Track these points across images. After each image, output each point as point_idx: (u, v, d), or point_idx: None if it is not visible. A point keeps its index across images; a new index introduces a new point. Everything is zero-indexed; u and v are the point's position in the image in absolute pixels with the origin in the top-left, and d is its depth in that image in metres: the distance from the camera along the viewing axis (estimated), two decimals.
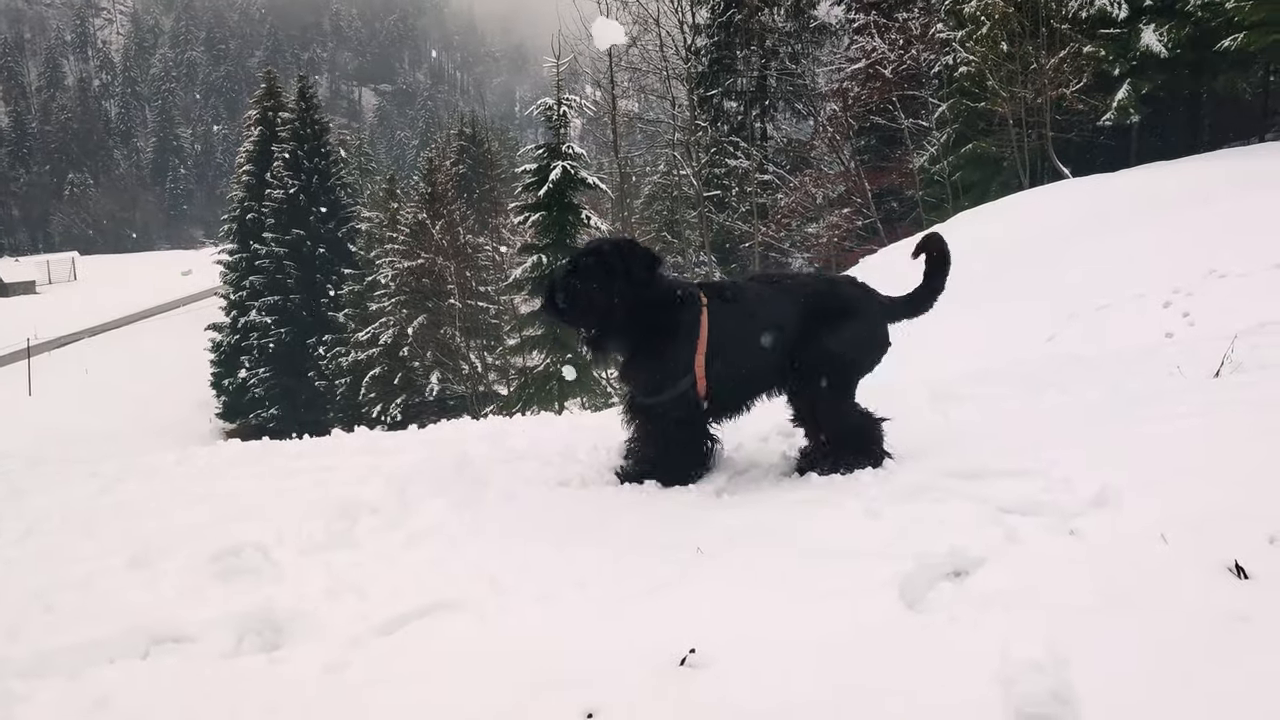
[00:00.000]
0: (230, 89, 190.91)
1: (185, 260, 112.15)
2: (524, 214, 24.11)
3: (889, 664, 2.46)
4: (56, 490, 4.83)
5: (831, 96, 28.74)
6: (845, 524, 3.38)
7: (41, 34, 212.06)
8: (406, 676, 2.60)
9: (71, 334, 73.76)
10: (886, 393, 5.69)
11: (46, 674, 2.65)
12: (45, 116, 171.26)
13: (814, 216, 28.70)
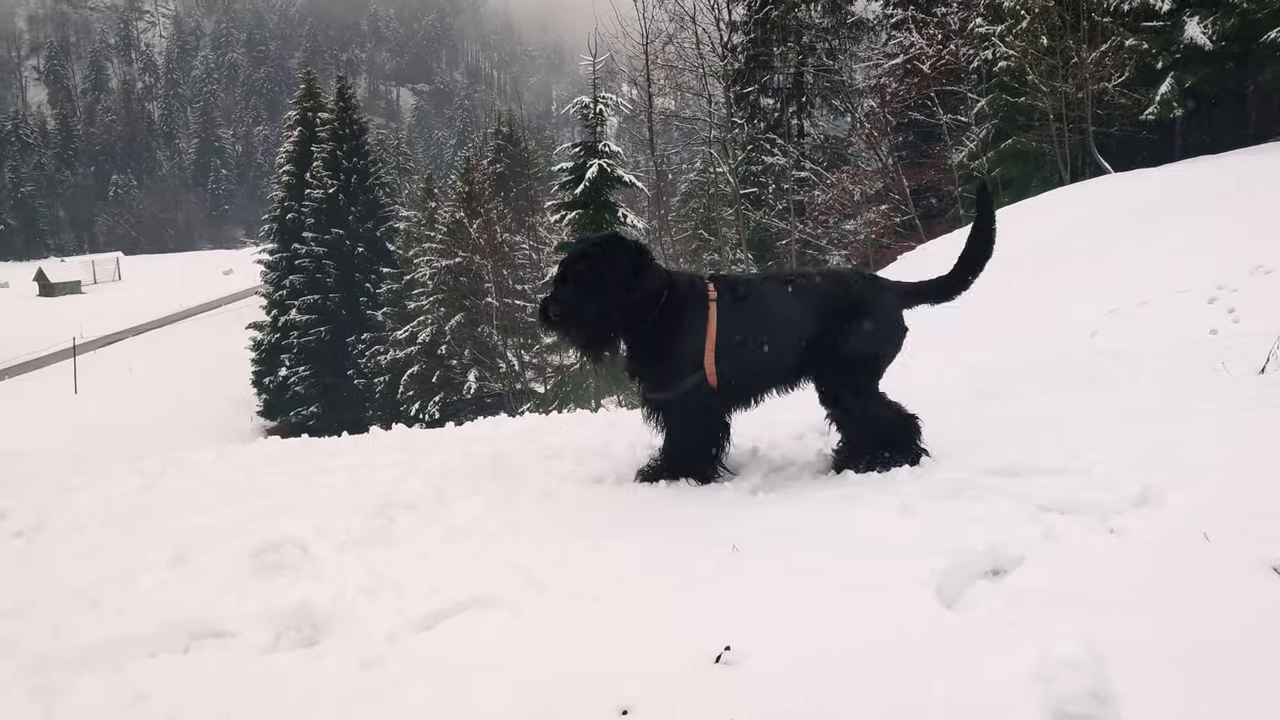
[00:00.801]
0: (270, 90, 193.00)
1: (226, 260, 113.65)
2: (561, 212, 24.18)
3: (925, 662, 2.44)
4: (101, 487, 4.90)
5: (869, 92, 28.55)
6: (881, 521, 3.36)
7: (86, 37, 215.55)
8: (443, 672, 2.62)
9: (116, 333, 74.95)
10: (925, 389, 5.66)
11: (89, 667, 2.69)
12: (90, 119, 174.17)
13: (851, 213, 28.51)
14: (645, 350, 4.11)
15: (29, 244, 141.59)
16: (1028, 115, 22.40)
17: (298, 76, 70.86)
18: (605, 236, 4.08)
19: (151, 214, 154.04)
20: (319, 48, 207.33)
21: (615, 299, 3.92)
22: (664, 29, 29.09)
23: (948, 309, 4.41)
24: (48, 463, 6.71)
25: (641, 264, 3.98)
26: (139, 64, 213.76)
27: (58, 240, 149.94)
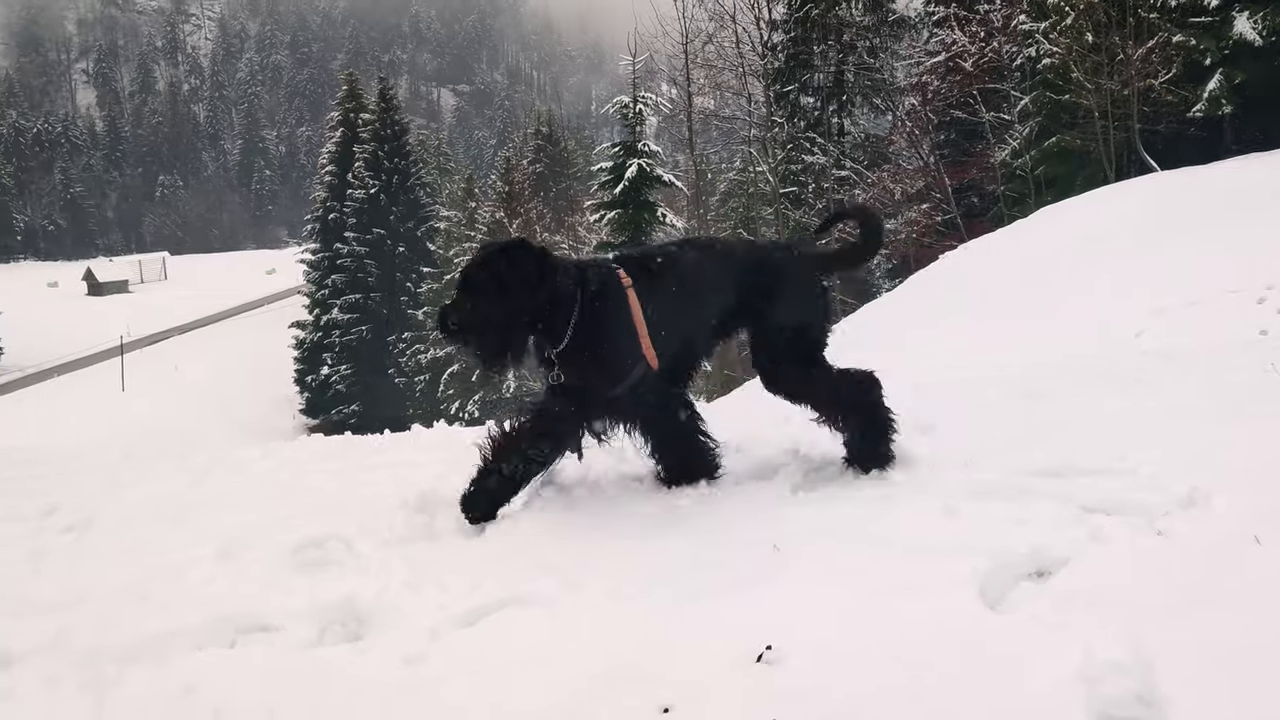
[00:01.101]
0: (313, 91, 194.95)
1: (270, 260, 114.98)
2: (600, 212, 24.23)
3: (968, 663, 2.43)
4: (149, 483, 4.97)
5: (910, 91, 28.32)
6: (922, 521, 3.33)
7: (134, 40, 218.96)
8: (483, 669, 2.64)
9: (162, 332, 76.11)
10: (962, 387, 5.61)
11: (138, 660, 2.73)
12: (138, 120, 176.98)
13: (892, 213, 28.29)
14: (578, 353, 3.89)
15: (78, 244, 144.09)
16: (1072, 113, 22.12)
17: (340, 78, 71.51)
18: (506, 242, 3.92)
19: (197, 214, 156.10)
20: (361, 49, 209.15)
21: (519, 306, 3.76)
22: (704, 28, 29.09)
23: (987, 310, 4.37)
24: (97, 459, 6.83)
25: (545, 267, 3.80)
26: (185, 66, 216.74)
27: (106, 240, 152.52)
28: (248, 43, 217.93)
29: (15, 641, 2.84)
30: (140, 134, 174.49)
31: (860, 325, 13.76)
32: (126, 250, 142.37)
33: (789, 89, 29.98)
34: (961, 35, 25.17)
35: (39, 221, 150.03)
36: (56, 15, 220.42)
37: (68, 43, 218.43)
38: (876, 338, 11.90)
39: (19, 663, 2.73)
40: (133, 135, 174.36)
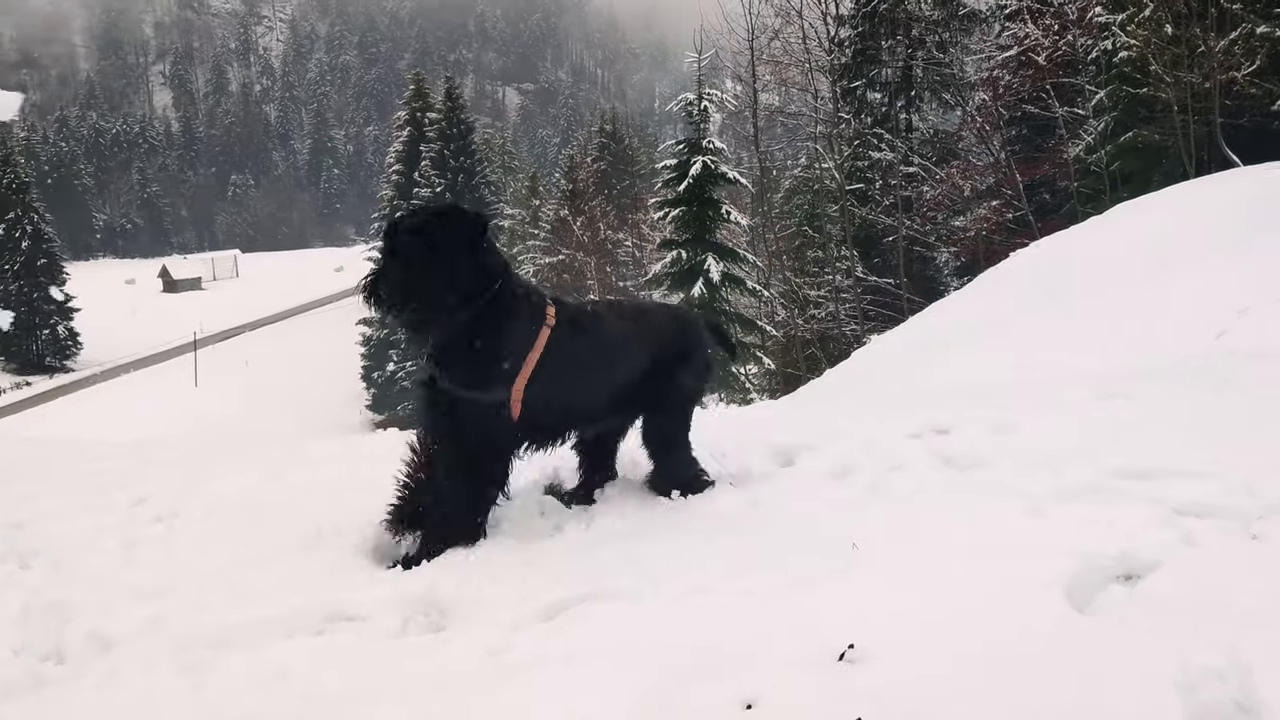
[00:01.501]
0: (381, 91, 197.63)
1: (338, 257, 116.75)
2: (664, 209, 24.24)
3: (1057, 666, 2.40)
4: (231, 475, 5.09)
5: (981, 85, 27.87)
6: (1007, 522, 3.29)
7: (208, 43, 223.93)
8: (566, 660, 2.66)
9: (234, 328, 77.78)
10: (1041, 387, 5.53)
11: (230, 646, 2.81)
12: (211, 121, 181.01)
13: (961, 209, 27.91)
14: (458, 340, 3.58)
15: (154, 242, 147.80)
16: (1150, 107, 21.61)
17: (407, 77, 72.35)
18: (443, 207, 3.62)
19: (267, 213, 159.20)
20: (428, 49, 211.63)
21: (450, 274, 3.47)
22: (769, 24, 28.92)
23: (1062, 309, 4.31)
24: (179, 452, 7.01)
25: (481, 238, 3.57)
26: (257, 67, 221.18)
27: (180, 238, 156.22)
28: (317, 43, 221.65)
29: (114, 626, 2.93)
30: (213, 134, 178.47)
31: (928, 325, 13.60)
32: (200, 248, 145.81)
33: (856, 85, 29.70)
34: (1034, 28, 24.70)
35: (117, 220, 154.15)
36: (135, 19, 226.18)
37: (145, 46, 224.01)
38: (946, 337, 11.75)
39: (118, 646, 2.82)
40: (206, 135, 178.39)
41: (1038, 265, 13.21)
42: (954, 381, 8.19)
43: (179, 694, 2.52)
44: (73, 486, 5.26)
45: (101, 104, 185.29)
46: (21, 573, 3.57)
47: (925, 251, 28.92)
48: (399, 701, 2.47)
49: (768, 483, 4.19)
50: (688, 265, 22.98)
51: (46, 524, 4.18)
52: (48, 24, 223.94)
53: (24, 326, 68.63)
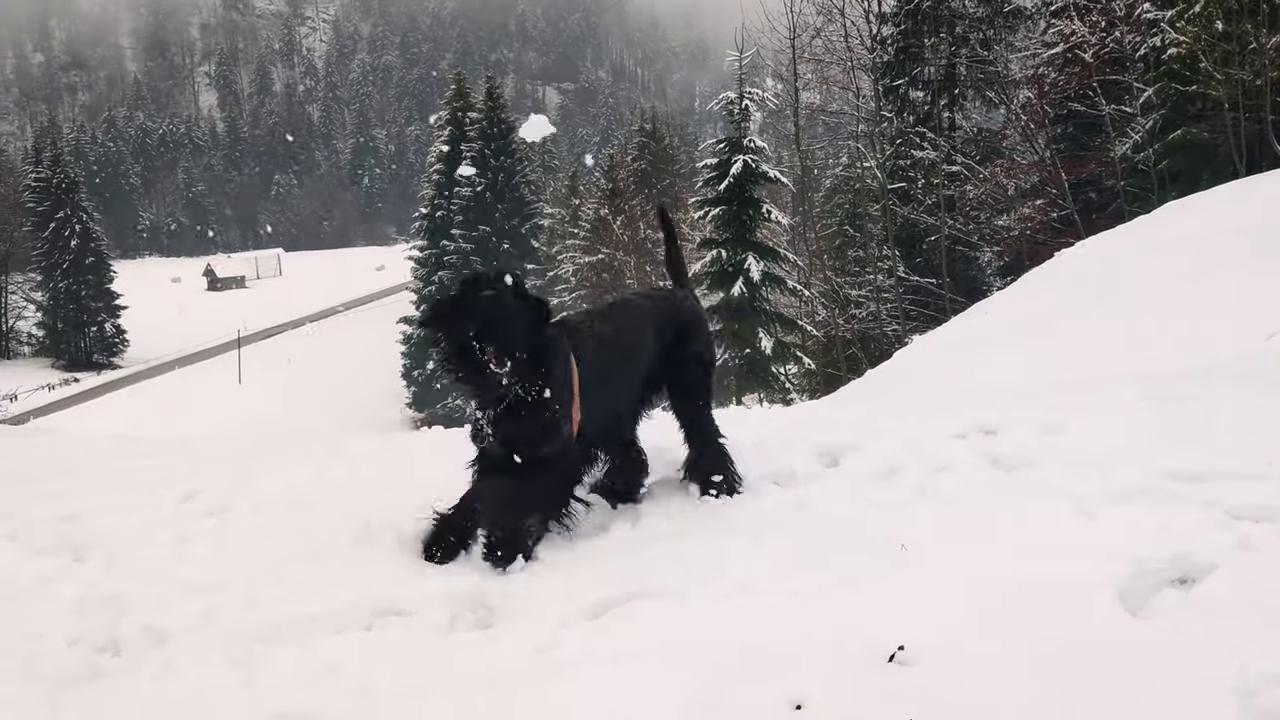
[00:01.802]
0: (422, 91, 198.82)
1: (379, 256, 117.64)
2: (704, 208, 24.18)
3: (1110, 670, 2.37)
4: (278, 471, 5.14)
5: (1026, 83, 27.57)
6: (1057, 524, 3.26)
7: (253, 43, 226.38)
8: (613, 658, 2.67)
9: (276, 326, 78.61)
10: (1089, 387, 5.46)
11: (281, 640, 2.84)
12: (255, 121, 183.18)
13: (1005, 208, 27.64)
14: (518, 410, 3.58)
15: (199, 241, 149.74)
16: (1199, 105, 21.28)
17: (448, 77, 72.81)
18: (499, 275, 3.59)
19: (310, 212, 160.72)
20: (469, 49, 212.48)
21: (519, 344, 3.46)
22: (811, 22, 28.81)
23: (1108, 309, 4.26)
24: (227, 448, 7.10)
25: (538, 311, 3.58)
26: (300, 68, 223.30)
27: (225, 237, 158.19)
28: (360, 44, 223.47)
29: (167, 620, 2.97)
30: (258, 134, 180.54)
31: (971, 325, 13.49)
32: (243, 247, 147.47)
33: (898, 83, 29.47)
34: (1081, 25, 24.39)
35: (162, 219, 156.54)
36: (182, 20, 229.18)
37: (191, 47, 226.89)
38: (990, 337, 11.65)
39: (172, 639, 2.86)
40: (250, 135, 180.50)
41: (1083, 265, 13.06)
42: (999, 382, 8.12)
43: (232, 688, 2.55)
44: (123, 482, 5.35)
45: (148, 104, 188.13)
46: (76, 565, 3.64)
47: (968, 251, 28.66)
48: (448, 697, 2.49)
49: (813, 483, 4.17)
50: (728, 264, 22.91)
51: (99, 518, 4.25)
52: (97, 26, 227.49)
53: (72, 324, 69.84)
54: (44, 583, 3.43)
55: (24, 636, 2.97)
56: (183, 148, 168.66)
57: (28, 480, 5.79)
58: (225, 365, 64.52)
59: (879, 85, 29.21)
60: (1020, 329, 11.12)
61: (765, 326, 22.46)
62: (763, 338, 22.13)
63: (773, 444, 4.79)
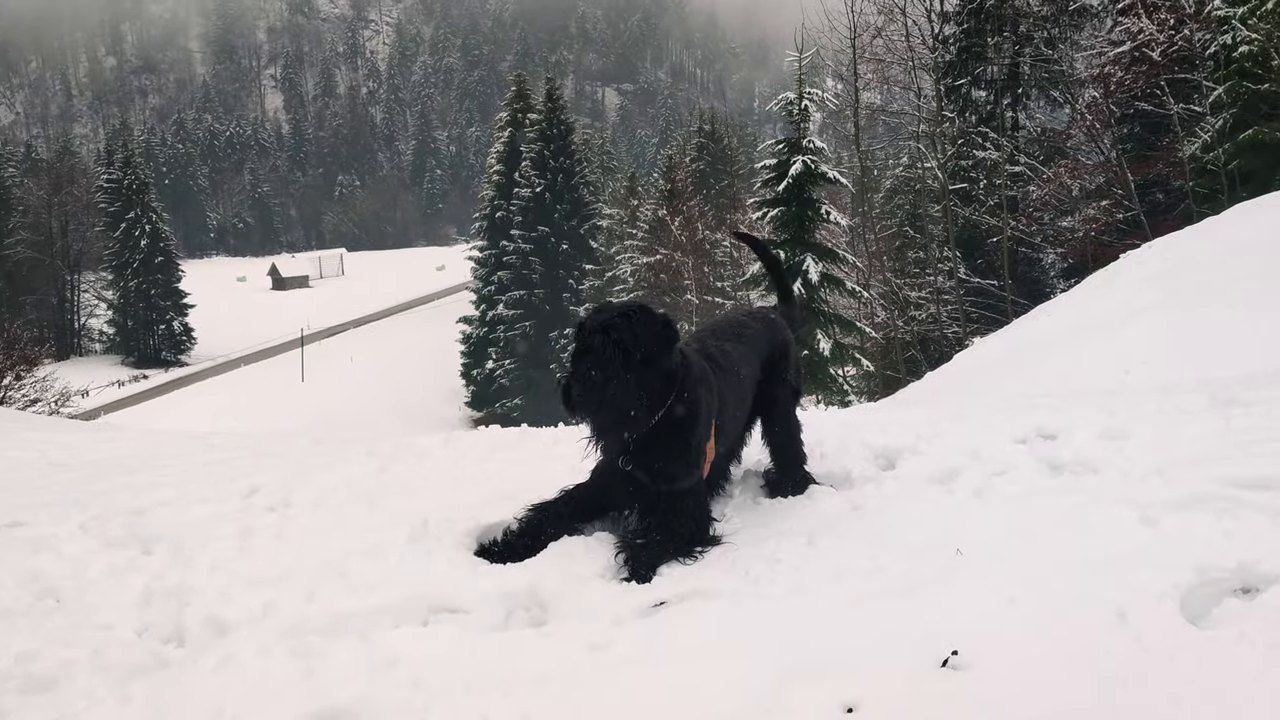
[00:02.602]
0: (483, 92, 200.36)
1: (439, 256, 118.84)
2: (762, 209, 24.07)
3: (1171, 680, 2.33)
4: (339, 467, 5.22)
5: (1091, 82, 27.09)
6: (1119, 530, 3.20)
7: (318, 47, 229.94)
8: (668, 657, 2.68)
9: (339, 325, 79.75)
10: (1155, 393, 5.36)
11: (341, 634, 2.89)
12: (319, 123, 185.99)
13: (1069, 210, 27.18)
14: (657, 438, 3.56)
15: (264, 241, 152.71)
16: (1271, 103, 20.77)
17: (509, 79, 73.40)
18: (632, 306, 3.58)
19: (372, 212, 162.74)
20: (529, 50, 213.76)
21: (643, 376, 3.44)
22: (872, 22, 28.58)
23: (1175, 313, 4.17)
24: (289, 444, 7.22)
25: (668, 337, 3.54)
26: (364, 70, 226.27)
27: (289, 237, 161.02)
28: (422, 46, 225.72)
29: (230, 612, 3.04)
30: (322, 136, 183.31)
31: (1033, 328, 13.29)
32: (307, 247, 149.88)
33: (960, 82, 29.16)
34: (1149, 23, 23.92)
35: (229, 219, 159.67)
36: (249, 24, 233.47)
37: (258, 50, 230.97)
38: (1052, 340, 11.47)
39: (234, 631, 2.93)
40: (315, 137, 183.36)
41: (1149, 267, 12.80)
42: (1061, 386, 7.99)
43: (293, 679, 2.60)
44: (189, 476, 5.47)
45: (216, 107, 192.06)
46: (143, 558, 3.73)
47: (1031, 252, 28.28)
48: (502, 693, 2.51)
49: (869, 485, 4.15)
50: (786, 265, 22.80)
51: (165, 512, 4.35)
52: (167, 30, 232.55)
53: (142, 322, 71.50)
54: (113, 574, 3.53)
55: (94, 627, 3.06)
56: (249, 149, 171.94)
57: (99, 474, 5.94)
58: (289, 363, 65.61)
59: (940, 85, 28.91)
60: (1083, 332, 10.94)
61: (823, 328, 22.30)
62: (820, 339, 21.98)
63: (829, 446, 4.77)
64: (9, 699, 2.62)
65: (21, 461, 7.03)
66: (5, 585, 3.41)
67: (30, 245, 67.93)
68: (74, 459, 7.05)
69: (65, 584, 3.43)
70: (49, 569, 3.57)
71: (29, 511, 4.48)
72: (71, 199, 69.82)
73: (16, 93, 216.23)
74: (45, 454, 7.32)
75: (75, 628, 3.05)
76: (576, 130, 64.15)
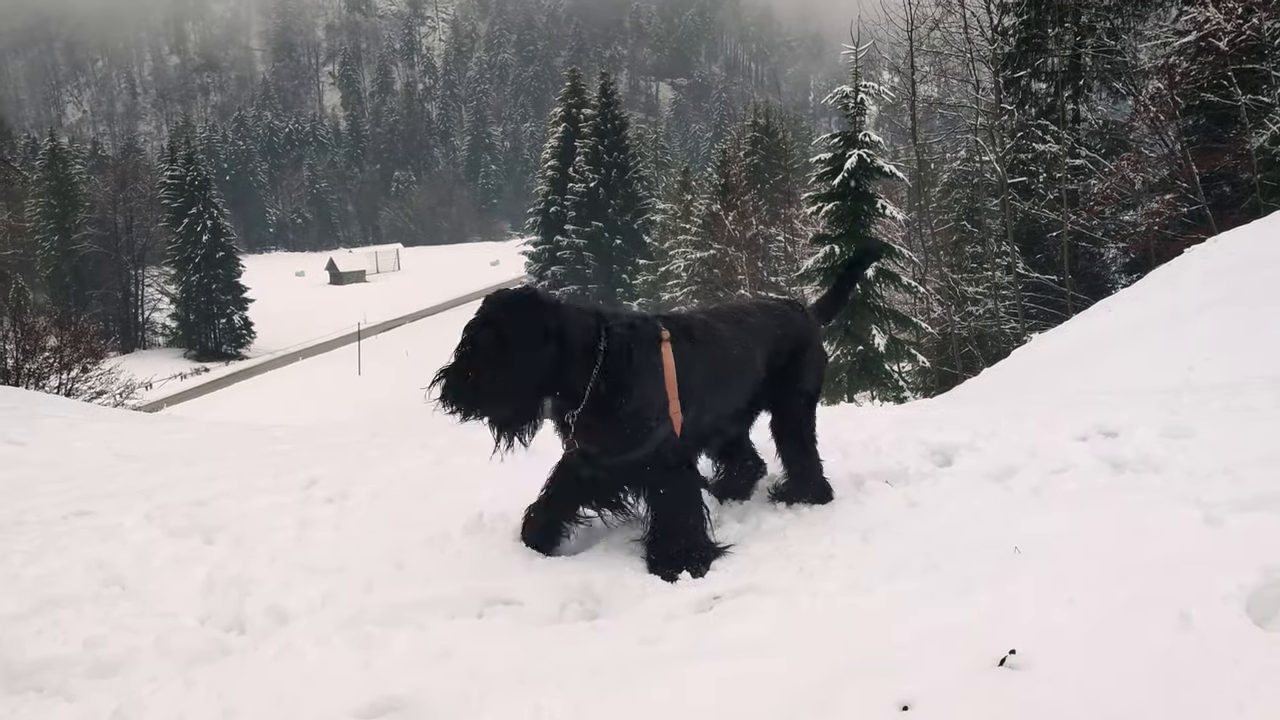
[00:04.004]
0: (538, 88, 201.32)
1: (494, 251, 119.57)
2: (817, 204, 23.93)
3: (1235, 684, 2.28)
4: (396, 460, 5.29)
5: (1155, 73, 26.49)
6: (1182, 531, 3.14)
7: (375, 43, 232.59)
8: (719, 653, 2.68)
9: (395, 319, 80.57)
10: (1221, 391, 5.24)
11: (398, 624, 2.93)
12: (376, 119, 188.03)
13: (1131, 203, 26.62)
14: (598, 412, 3.43)
15: (322, 236, 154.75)
16: None
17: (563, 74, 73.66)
18: (509, 294, 3.47)
19: (428, 208, 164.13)
20: (584, 45, 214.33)
21: (528, 367, 3.31)
22: (929, 13, 28.22)
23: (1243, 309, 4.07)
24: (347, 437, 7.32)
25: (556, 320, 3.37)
26: (420, 67, 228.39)
27: (346, 233, 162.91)
28: (477, 42, 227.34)
29: (290, 602, 3.10)
30: (379, 132, 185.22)
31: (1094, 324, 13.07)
32: (364, 242, 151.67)
33: (1019, 74, 28.67)
34: (1216, 12, 23.34)
35: (288, 215, 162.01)
36: (308, 22, 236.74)
37: (317, 48, 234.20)
38: (1113, 337, 11.27)
39: (294, 620, 2.98)
40: (372, 133, 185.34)
41: (1214, 262, 12.52)
42: (1122, 383, 7.85)
43: (351, 668, 2.64)
44: (250, 467, 5.57)
45: (276, 104, 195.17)
46: (205, 547, 3.81)
47: (1091, 247, 27.75)
48: (556, 685, 2.53)
49: (924, 482, 4.11)
50: (840, 260, 22.65)
51: (227, 502, 4.44)
52: (229, 29, 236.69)
53: (203, 316, 72.82)
54: (176, 563, 3.61)
55: (159, 614, 3.13)
56: (308, 145, 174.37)
57: (162, 465, 6.07)
58: (346, 357, 66.43)
59: (999, 77, 28.47)
60: (1146, 328, 10.73)
61: (878, 323, 22.13)
62: (876, 334, 21.81)
63: (884, 442, 4.73)
64: (78, 683, 2.69)
65: (88, 452, 7.20)
66: (74, 573, 3.50)
67: (97, 241, 69.57)
68: (138, 450, 7.21)
69: (130, 572, 3.51)
70: (115, 557, 3.66)
71: (95, 501, 4.59)
72: (136, 195, 71.31)
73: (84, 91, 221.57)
74: (111, 445, 7.50)
75: (140, 615, 3.13)
76: (630, 125, 64.24)
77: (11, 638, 2.92)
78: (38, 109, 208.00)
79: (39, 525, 4.34)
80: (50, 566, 3.59)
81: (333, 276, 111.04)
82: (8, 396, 11.50)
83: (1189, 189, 24.10)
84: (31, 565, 3.62)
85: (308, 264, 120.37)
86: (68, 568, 3.55)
